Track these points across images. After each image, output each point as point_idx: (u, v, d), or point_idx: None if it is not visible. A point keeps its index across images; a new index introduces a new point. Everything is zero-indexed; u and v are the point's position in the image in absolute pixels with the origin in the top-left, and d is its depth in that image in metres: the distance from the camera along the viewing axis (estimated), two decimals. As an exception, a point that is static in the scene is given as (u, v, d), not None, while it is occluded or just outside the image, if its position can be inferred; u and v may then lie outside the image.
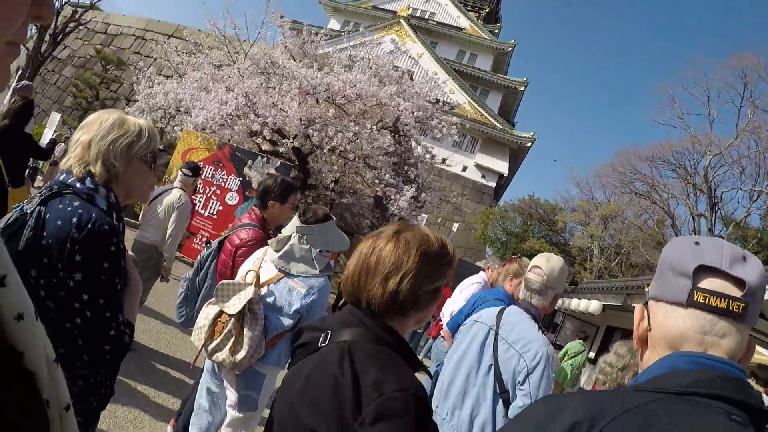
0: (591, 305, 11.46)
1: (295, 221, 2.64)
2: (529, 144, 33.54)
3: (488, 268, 5.47)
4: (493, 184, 33.30)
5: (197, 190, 9.38)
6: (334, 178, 13.81)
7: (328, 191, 14.27)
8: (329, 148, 12.84)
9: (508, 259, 4.11)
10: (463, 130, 29.72)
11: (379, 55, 15.49)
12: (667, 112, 38.26)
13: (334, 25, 41.93)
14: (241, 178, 11.14)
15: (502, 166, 33.42)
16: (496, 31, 42.39)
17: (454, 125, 15.13)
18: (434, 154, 16.12)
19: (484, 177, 33.15)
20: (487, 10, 43.86)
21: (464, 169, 32.52)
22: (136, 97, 17.95)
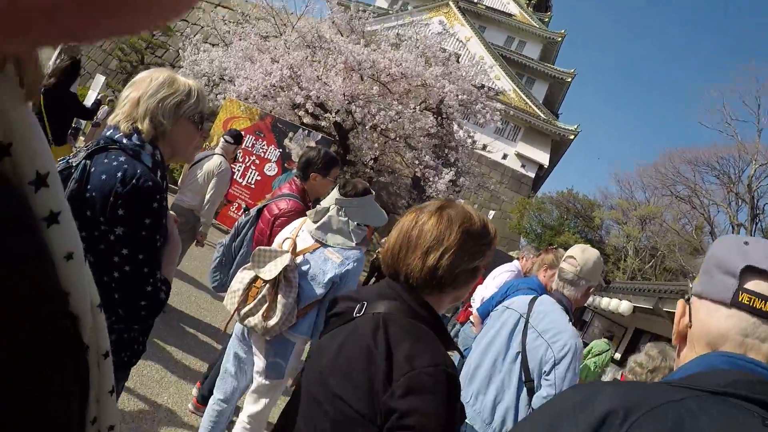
0: (621, 305, 11.27)
1: (335, 193, 2.63)
2: (571, 137, 32.85)
3: (522, 257, 5.42)
4: (533, 175, 32.79)
5: (237, 159, 9.45)
6: (374, 156, 13.79)
7: (366, 168, 14.27)
8: (371, 125, 12.81)
9: (543, 250, 4.06)
10: (507, 118, 29.23)
11: (427, 36, 15.25)
12: (714, 115, 37.04)
13: (382, 3, 41.47)
14: (281, 150, 11.11)
15: (543, 157, 32.87)
16: (546, 20, 41.48)
17: (498, 112, 14.86)
18: (475, 140, 15.91)
19: (523, 166, 32.65)
20: (538, -2, 42.98)
21: (504, 156, 32.08)
22: (181, 64, 18.04)
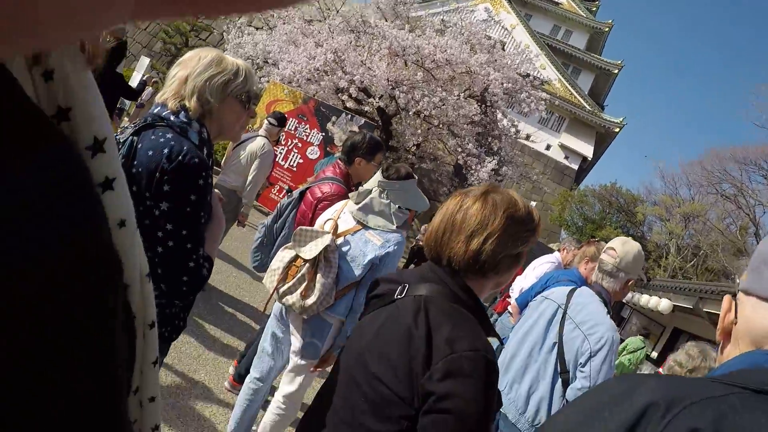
0: (661, 303, 11.02)
1: (378, 176, 2.64)
2: (617, 129, 32.09)
3: (563, 249, 5.35)
4: (576, 167, 32.14)
5: (279, 141, 9.53)
6: (416, 143, 13.76)
7: (409, 155, 14.24)
8: (414, 111, 12.77)
9: (585, 242, 3.99)
10: (551, 108, 28.68)
11: (472, 23, 15.07)
12: (766, 113, 35.58)
13: (428, -12, 41.28)
14: (324, 134, 11.15)
15: (587, 149, 32.19)
16: (594, 9, 40.36)
17: (543, 101, 14.60)
18: (519, 129, 15.68)
19: (567, 158, 32.02)
20: (586, -14, 41.89)
21: (548, 147, 31.54)
22: (225, 47, 18.24)
